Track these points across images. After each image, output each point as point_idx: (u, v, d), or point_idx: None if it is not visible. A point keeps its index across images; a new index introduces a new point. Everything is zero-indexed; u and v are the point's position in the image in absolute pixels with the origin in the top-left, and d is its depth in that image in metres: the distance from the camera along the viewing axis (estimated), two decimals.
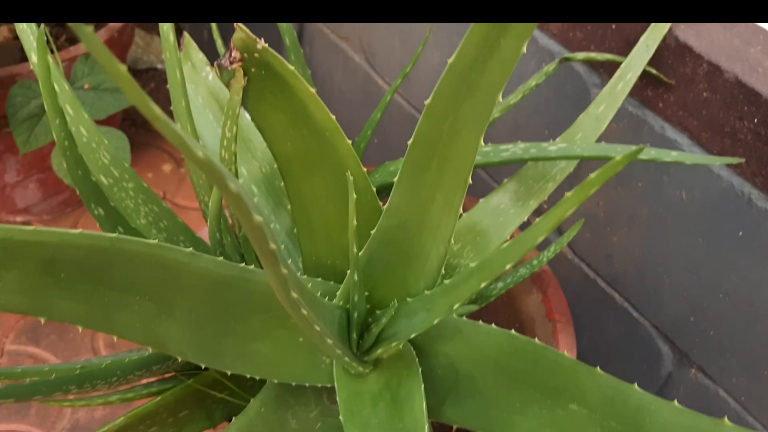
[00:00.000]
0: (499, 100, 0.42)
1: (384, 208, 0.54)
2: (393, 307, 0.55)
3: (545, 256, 0.75)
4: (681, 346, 0.84)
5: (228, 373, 0.66)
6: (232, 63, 0.51)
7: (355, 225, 0.47)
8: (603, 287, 0.92)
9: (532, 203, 0.75)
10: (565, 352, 0.53)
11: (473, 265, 0.46)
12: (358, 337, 0.59)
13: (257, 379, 0.65)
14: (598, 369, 0.49)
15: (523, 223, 0.92)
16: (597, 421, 0.48)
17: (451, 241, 0.78)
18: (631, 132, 0.80)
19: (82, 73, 0.95)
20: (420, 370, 0.56)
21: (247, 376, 0.68)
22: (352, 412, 0.56)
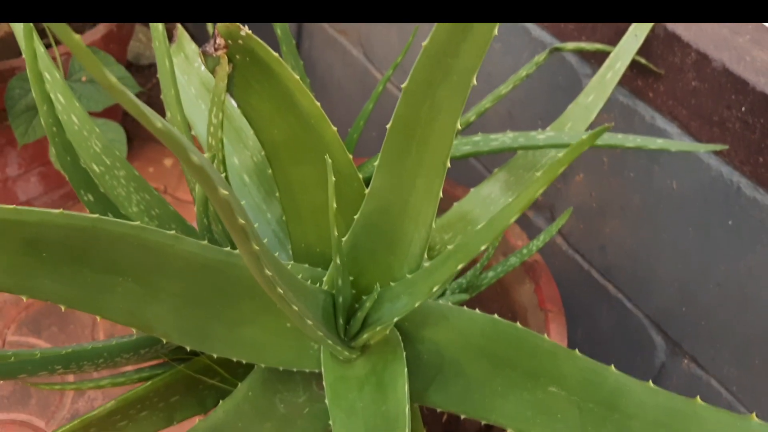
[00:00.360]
0: (474, 82, 0.43)
1: (367, 192, 0.54)
2: (376, 292, 0.56)
3: (535, 245, 0.76)
4: (673, 337, 0.85)
5: (217, 359, 0.67)
6: (216, 50, 0.52)
7: (335, 208, 0.47)
8: (597, 278, 0.92)
9: None
10: (556, 342, 0.54)
11: (450, 247, 0.47)
12: (344, 323, 0.59)
13: (248, 365, 0.66)
14: (577, 351, 0.50)
15: None
16: (575, 403, 0.49)
17: (443, 232, 0.79)
18: (622, 122, 0.81)
19: (79, 66, 0.96)
20: (405, 354, 0.56)
21: (236, 362, 0.69)
22: (338, 395, 0.57)
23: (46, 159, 1.18)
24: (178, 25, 0.77)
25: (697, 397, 0.44)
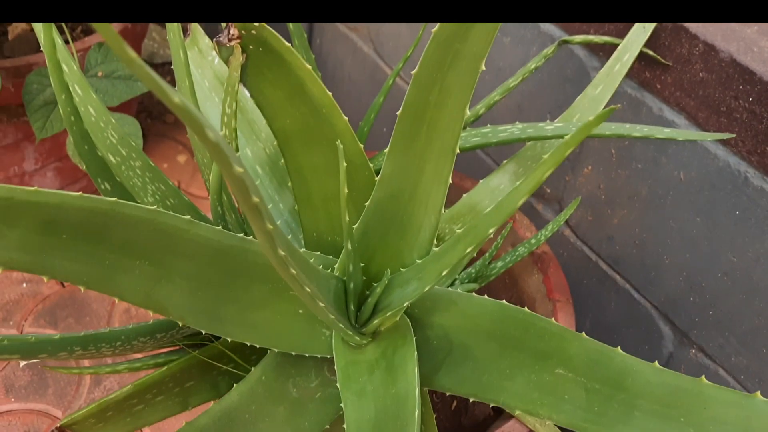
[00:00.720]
0: (483, 67, 0.44)
1: (377, 179, 0.55)
2: (387, 277, 0.57)
3: (543, 235, 0.77)
4: (681, 326, 0.85)
5: (230, 345, 0.68)
6: (230, 40, 0.53)
7: (346, 193, 0.48)
8: (605, 269, 0.93)
9: None
10: None
11: (459, 231, 0.48)
12: (355, 309, 0.60)
13: (261, 352, 0.67)
14: (584, 334, 0.51)
15: (524, 205, 0.93)
16: (581, 384, 0.50)
17: (452, 223, 0.80)
18: (631, 114, 0.82)
19: (95, 61, 0.98)
20: (414, 339, 0.58)
21: (250, 349, 0.71)
22: (349, 379, 0.58)
23: (62, 154, 1.20)
24: None
25: (702, 376, 0.45)
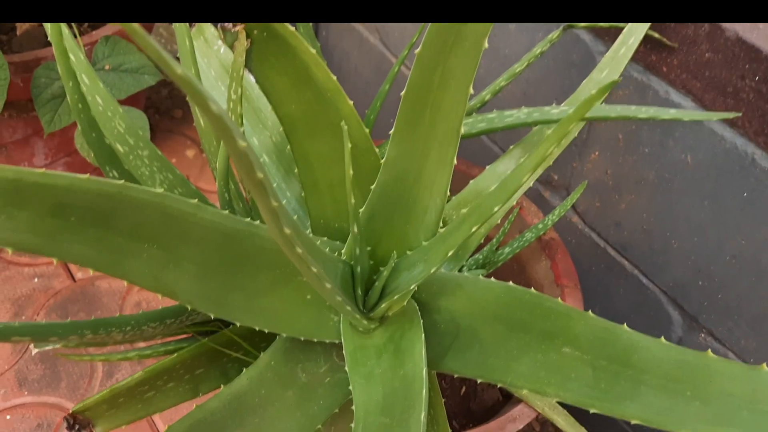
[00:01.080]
0: (486, 45, 0.44)
1: (382, 163, 0.56)
2: (393, 260, 0.57)
3: (550, 220, 0.77)
4: (690, 311, 0.85)
5: (240, 333, 0.69)
6: (234, 25, 0.54)
7: (351, 175, 0.49)
8: (613, 255, 0.93)
9: (538, 169, 0.77)
10: None
11: (464, 211, 0.48)
12: (363, 294, 0.61)
13: (270, 339, 0.67)
14: (590, 313, 0.51)
15: (530, 190, 0.93)
16: (588, 362, 0.50)
17: (459, 209, 0.80)
18: (637, 98, 0.81)
19: (102, 55, 0.98)
20: (422, 322, 0.58)
21: (259, 337, 0.71)
22: (357, 362, 0.58)
23: (71, 149, 1.21)
24: None
25: (708, 350, 0.45)
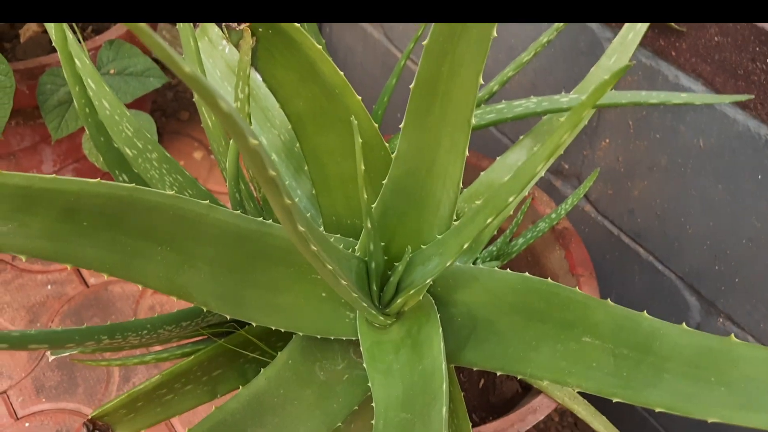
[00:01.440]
0: (494, 33, 0.44)
1: (393, 157, 0.55)
2: (408, 255, 0.57)
3: (563, 209, 0.76)
4: (707, 296, 0.84)
5: (256, 333, 0.69)
6: (239, 24, 0.53)
7: (363, 170, 0.48)
8: (627, 243, 0.92)
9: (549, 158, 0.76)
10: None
11: (478, 203, 0.47)
12: (378, 290, 0.60)
13: (286, 339, 0.67)
14: (609, 301, 0.50)
15: (541, 179, 0.93)
16: (609, 350, 0.49)
17: (471, 201, 0.80)
18: (646, 83, 0.81)
19: (107, 59, 0.98)
20: (438, 316, 0.57)
21: (275, 337, 0.71)
22: (375, 358, 0.58)
23: (79, 155, 1.21)
24: None
25: (732, 335, 0.45)
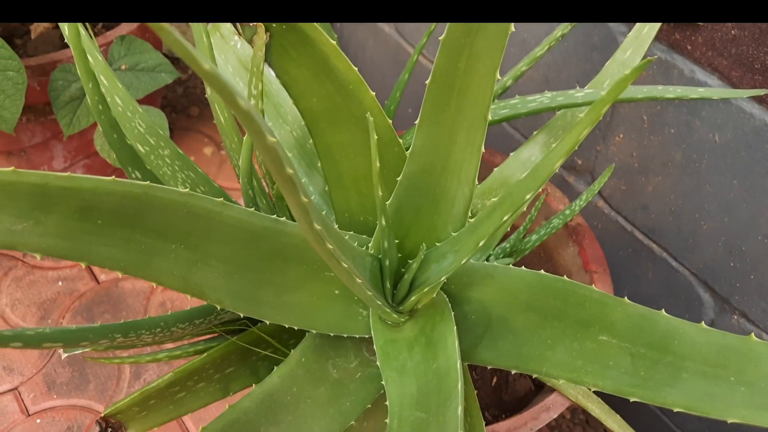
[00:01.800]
0: (512, 28, 0.43)
1: (408, 153, 0.55)
2: (422, 252, 0.56)
3: (577, 205, 0.76)
4: (722, 293, 0.84)
5: (268, 331, 0.68)
6: None
7: (378, 167, 0.48)
8: (640, 239, 0.92)
9: None
10: None
11: (495, 199, 0.47)
12: (392, 287, 0.60)
13: (299, 336, 0.67)
14: (626, 299, 0.50)
15: (554, 175, 0.92)
16: (626, 349, 0.49)
17: (484, 197, 0.79)
18: (661, 77, 0.80)
19: (118, 55, 0.98)
20: (453, 314, 0.57)
21: (287, 334, 0.71)
22: (388, 356, 0.58)
23: (91, 151, 1.21)
24: None
25: (752, 334, 0.44)
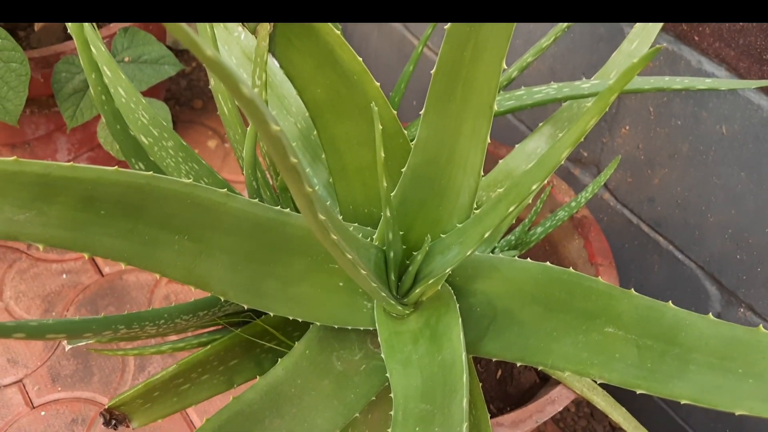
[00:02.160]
0: None
1: (413, 145, 0.54)
2: (427, 244, 0.56)
3: (583, 197, 0.75)
4: (728, 285, 0.83)
5: (272, 323, 0.68)
6: None
7: (383, 157, 0.47)
8: (646, 231, 0.91)
9: None
10: None
11: (500, 190, 0.46)
12: (396, 279, 0.60)
13: (303, 329, 0.67)
14: (632, 291, 0.49)
15: (559, 167, 0.92)
16: (632, 341, 0.48)
17: (489, 189, 0.79)
18: (668, 69, 0.79)
19: (121, 47, 0.97)
20: (458, 306, 0.57)
21: (292, 327, 0.71)
22: (393, 349, 0.57)
23: (94, 143, 1.20)
24: None
25: (760, 325, 0.44)
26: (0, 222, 0.40)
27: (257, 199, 0.66)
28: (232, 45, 0.76)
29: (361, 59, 0.55)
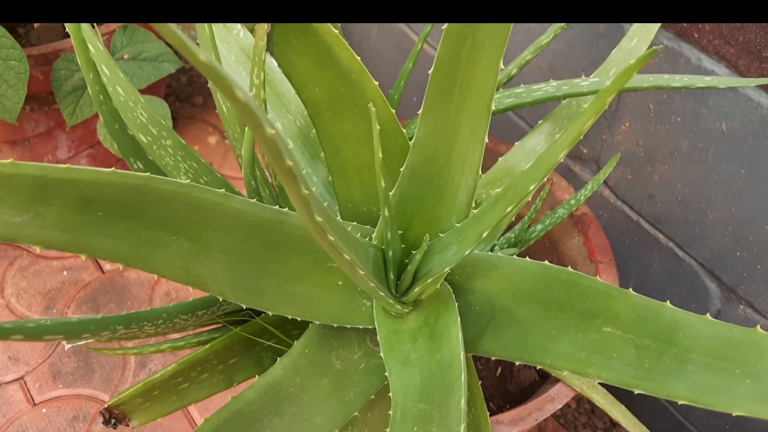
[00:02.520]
0: None
1: (411, 143, 0.54)
2: (426, 243, 0.56)
3: (582, 195, 0.75)
4: (728, 282, 0.83)
5: (272, 321, 0.68)
6: None
7: (381, 157, 0.47)
8: (646, 228, 0.91)
9: None
10: None
11: (499, 190, 0.46)
12: (395, 278, 0.60)
13: (302, 327, 0.67)
14: (630, 290, 0.49)
15: (559, 164, 0.92)
16: (630, 341, 0.48)
17: (489, 187, 0.79)
18: (668, 66, 0.79)
19: (121, 44, 0.97)
20: (456, 305, 0.57)
21: (291, 325, 0.71)
22: (392, 348, 0.57)
23: (94, 140, 1.20)
24: None
25: (757, 326, 0.44)
26: None
27: (256, 198, 0.66)
28: (231, 43, 0.76)
29: (359, 58, 0.55)
